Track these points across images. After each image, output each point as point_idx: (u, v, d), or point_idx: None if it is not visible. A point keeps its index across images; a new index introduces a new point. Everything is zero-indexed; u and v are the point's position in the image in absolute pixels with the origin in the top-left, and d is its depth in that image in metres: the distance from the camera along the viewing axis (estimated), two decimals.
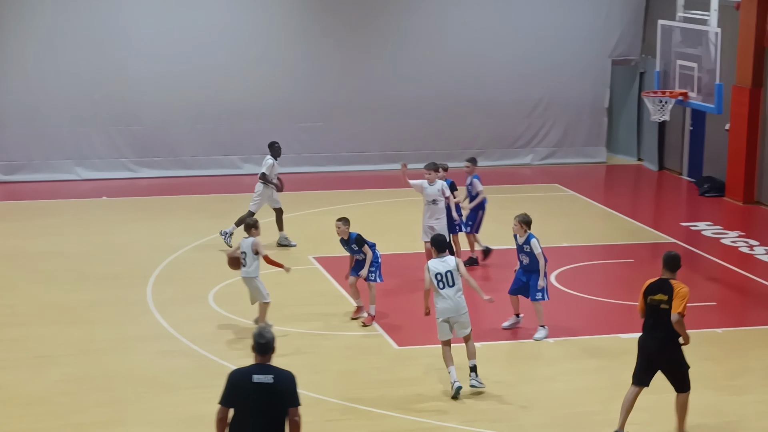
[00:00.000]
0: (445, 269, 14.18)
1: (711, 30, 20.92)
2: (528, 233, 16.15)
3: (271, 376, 9.58)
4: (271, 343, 9.69)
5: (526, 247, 16.16)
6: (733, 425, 13.43)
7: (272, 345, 9.71)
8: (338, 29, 27.97)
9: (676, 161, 28.44)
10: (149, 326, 16.83)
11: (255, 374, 9.59)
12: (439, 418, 13.50)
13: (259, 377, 9.57)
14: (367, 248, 16.70)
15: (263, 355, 9.69)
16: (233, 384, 9.68)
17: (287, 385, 9.62)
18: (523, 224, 16.18)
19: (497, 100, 28.95)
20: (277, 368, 9.69)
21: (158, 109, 27.32)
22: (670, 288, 12.55)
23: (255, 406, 9.58)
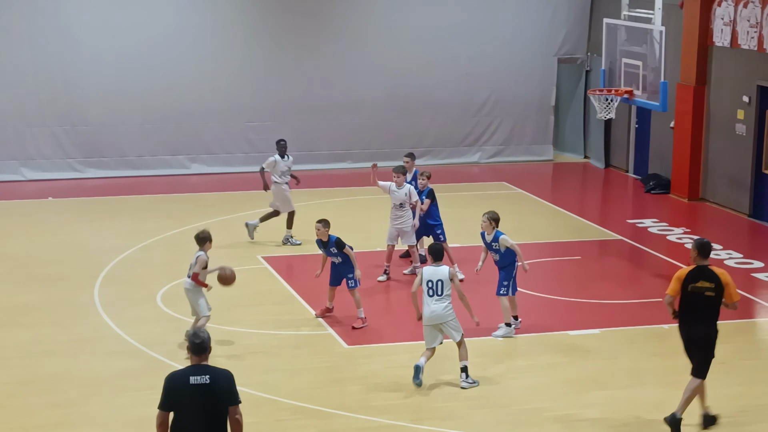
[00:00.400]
0: (436, 278, 14.33)
1: (655, 28, 21.11)
2: (495, 230, 16.13)
3: (208, 377, 9.52)
4: (206, 343, 9.62)
5: (495, 244, 16.11)
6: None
7: (207, 345, 9.63)
8: (286, 28, 27.92)
9: (622, 159, 28.67)
10: (97, 327, 16.71)
11: (191, 376, 9.52)
12: (389, 416, 13.52)
13: (196, 378, 9.51)
14: (349, 249, 16.58)
15: (199, 355, 9.61)
16: (170, 387, 9.62)
17: (225, 384, 9.56)
18: (492, 221, 16.14)
19: (445, 99, 29.05)
20: (214, 368, 9.63)
21: (105, 109, 27.12)
22: (713, 275, 12.84)
23: (194, 408, 9.52)
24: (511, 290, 16.29)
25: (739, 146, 24.16)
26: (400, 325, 16.87)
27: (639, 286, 19.19)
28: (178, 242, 21.35)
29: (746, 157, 23.95)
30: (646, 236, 22.40)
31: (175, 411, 9.60)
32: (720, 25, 24.22)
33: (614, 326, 16.87)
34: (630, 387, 14.55)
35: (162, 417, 9.62)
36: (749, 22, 23.27)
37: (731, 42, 23.89)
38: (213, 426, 9.54)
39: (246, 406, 13.40)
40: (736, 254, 20.98)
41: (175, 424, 9.62)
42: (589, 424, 13.38)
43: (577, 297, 18.30)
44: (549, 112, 29.96)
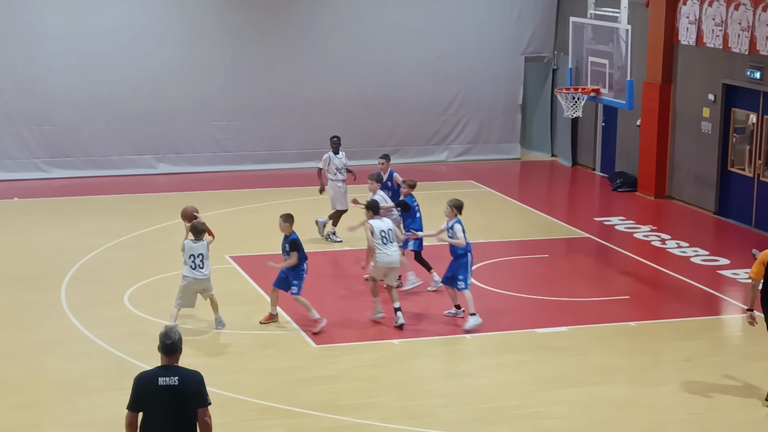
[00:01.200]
0: (387, 227, 16.34)
1: (621, 27, 21.19)
2: (457, 218, 16.47)
3: (177, 378, 9.48)
4: (177, 344, 9.59)
5: (450, 231, 16.43)
6: (648, 417, 13.62)
7: (178, 345, 9.60)
8: (254, 28, 27.86)
9: (589, 157, 28.78)
10: (64, 329, 16.62)
11: (160, 377, 9.50)
12: (358, 415, 13.52)
13: (165, 379, 9.48)
14: (294, 255, 16.30)
15: (169, 356, 9.58)
16: (139, 388, 9.58)
17: (194, 386, 9.53)
18: (453, 208, 16.58)
19: (412, 98, 29.07)
20: (183, 369, 9.59)
21: (70, 109, 26.97)
22: None
23: (163, 409, 9.49)
24: (466, 283, 16.48)
25: (704, 144, 24.30)
26: (368, 325, 16.87)
27: (606, 284, 19.27)
28: (146, 242, 21.27)
29: (712, 155, 24.09)
30: (613, 234, 22.50)
31: (144, 412, 9.56)
32: (685, 23, 24.36)
33: (582, 324, 16.94)
34: (598, 384, 14.61)
35: (131, 418, 9.58)
36: (714, 21, 23.42)
37: (696, 40, 24.04)
38: (181, 427, 9.51)
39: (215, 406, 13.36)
40: (702, 251, 21.11)
41: (144, 425, 9.58)
42: (557, 422, 13.43)
43: (544, 295, 18.36)
44: (516, 111, 30.03)
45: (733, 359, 15.68)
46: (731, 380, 14.81)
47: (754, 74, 22.53)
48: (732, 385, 14.65)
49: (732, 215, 23.70)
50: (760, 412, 13.76)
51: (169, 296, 17.87)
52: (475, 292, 18.32)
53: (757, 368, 15.23)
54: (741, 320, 17.68)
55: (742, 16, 22.57)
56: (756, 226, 22.98)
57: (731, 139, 23.80)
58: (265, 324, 16.64)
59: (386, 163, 20.09)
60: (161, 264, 19.58)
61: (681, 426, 13.35)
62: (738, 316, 17.81)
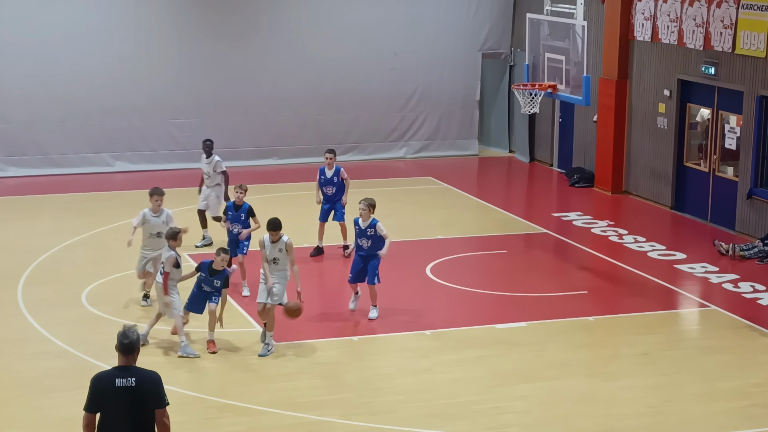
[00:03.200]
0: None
1: (578, 23, 21.29)
2: (372, 217, 16.57)
3: (134, 379, 9.37)
4: (135, 344, 9.47)
5: (370, 230, 16.55)
6: (606, 411, 13.70)
7: (137, 345, 9.49)
8: (210, 24, 27.74)
9: (547, 153, 28.90)
10: (20, 328, 16.48)
11: (117, 378, 9.37)
12: (318, 412, 13.51)
13: (122, 381, 9.36)
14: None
15: (126, 356, 9.46)
16: (96, 389, 9.46)
17: (151, 387, 9.42)
18: (371, 207, 16.63)
19: (370, 95, 29.06)
20: (141, 370, 9.47)
21: (25, 107, 26.74)
22: None
23: (120, 410, 9.38)
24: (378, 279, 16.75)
25: (660, 139, 24.47)
26: (327, 322, 16.86)
27: (565, 279, 19.36)
28: (102, 241, 21.14)
29: (668, 150, 24.26)
30: (570, 229, 22.61)
31: (101, 413, 9.46)
32: (641, 19, 24.52)
33: (541, 319, 17.01)
34: (557, 379, 14.68)
35: (88, 419, 9.49)
36: (669, 17, 23.58)
37: (652, 36, 24.20)
38: (139, 429, 9.42)
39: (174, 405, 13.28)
40: (659, 246, 21.26)
41: (101, 426, 9.48)
42: (516, 417, 13.48)
43: (503, 291, 18.41)
44: (474, 107, 30.10)
45: (690, 353, 15.80)
46: (688, 374, 14.92)
47: (708, 70, 22.70)
48: (689, 378, 14.77)
49: (688, 210, 23.88)
50: (717, 405, 13.88)
51: (126, 295, 17.80)
52: (434, 288, 18.40)
53: (713, 361, 15.36)
54: (698, 314, 17.83)
55: (697, 12, 22.74)
56: (712, 221, 23.16)
57: (687, 134, 23.98)
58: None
59: (333, 158, 20.14)
60: (119, 262, 19.45)
61: (639, 419, 13.44)
62: (695, 310, 17.96)
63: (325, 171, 20.11)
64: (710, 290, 18.77)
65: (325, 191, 20.13)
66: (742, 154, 22.11)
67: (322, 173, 20.15)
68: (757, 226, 21.70)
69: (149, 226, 16.97)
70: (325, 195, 20.14)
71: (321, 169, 20.20)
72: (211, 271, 15.42)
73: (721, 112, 22.76)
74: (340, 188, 20.07)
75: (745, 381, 14.65)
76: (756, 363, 15.35)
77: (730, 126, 22.53)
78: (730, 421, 13.40)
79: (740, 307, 17.72)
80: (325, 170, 20.10)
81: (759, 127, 21.60)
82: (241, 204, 17.92)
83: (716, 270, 19.74)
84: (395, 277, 18.61)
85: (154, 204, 17.01)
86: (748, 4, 21.38)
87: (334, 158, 20.18)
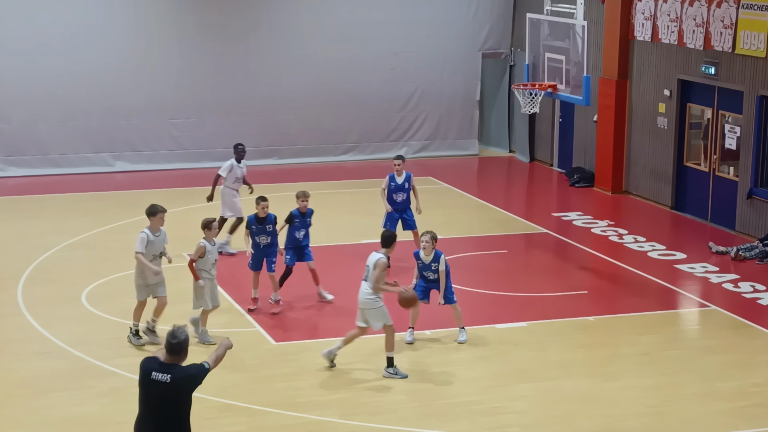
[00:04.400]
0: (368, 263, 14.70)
1: (578, 23, 21.30)
2: (435, 250, 15.75)
3: (169, 376, 9.51)
4: (183, 344, 9.61)
5: (434, 265, 15.73)
6: (606, 411, 13.70)
7: (184, 346, 9.62)
8: (210, 24, 27.74)
9: (547, 153, 28.90)
10: (21, 328, 16.48)
11: (154, 371, 9.55)
12: (318, 412, 13.51)
13: (157, 375, 9.53)
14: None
15: (172, 355, 9.63)
16: (140, 371, 9.70)
17: (185, 384, 9.57)
18: (434, 241, 15.72)
19: (370, 95, 29.05)
20: (182, 368, 9.59)
21: (25, 107, 26.74)
22: None
23: (150, 402, 9.58)
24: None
25: (660, 139, 24.46)
26: (327, 322, 16.86)
27: (565, 279, 19.36)
28: (103, 241, 21.14)
29: (668, 150, 24.26)
30: (571, 229, 22.61)
31: (139, 399, 9.66)
32: (641, 19, 24.52)
33: (541, 319, 17.01)
34: (557, 379, 14.68)
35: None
36: (669, 17, 23.58)
37: (652, 36, 24.20)
38: (167, 423, 9.56)
39: None
40: (659, 246, 21.26)
41: (138, 413, 9.70)
42: (516, 417, 13.48)
43: (503, 290, 18.42)
44: (474, 107, 30.10)
45: (690, 353, 15.80)
46: (688, 374, 14.92)
47: (708, 70, 22.70)
48: (689, 378, 14.77)
49: (688, 210, 23.88)
50: (717, 405, 13.88)
51: (126, 294, 17.79)
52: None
53: (713, 361, 15.37)
54: (698, 314, 17.84)
55: (697, 12, 22.74)
56: (712, 221, 23.16)
57: (687, 134, 23.98)
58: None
59: (402, 164, 19.57)
60: (119, 262, 19.46)
61: (639, 419, 13.44)
62: (695, 310, 17.96)
63: (395, 178, 19.48)
64: (710, 290, 18.77)
65: (395, 198, 19.49)
66: (742, 154, 22.11)
67: (392, 180, 19.50)
68: (757, 226, 21.69)
69: (153, 247, 15.63)
70: (394, 202, 19.50)
71: (390, 176, 19.55)
72: (259, 220, 16.81)
73: (720, 112, 22.77)
74: (410, 194, 19.56)
75: (745, 381, 14.65)
76: (756, 363, 15.36)
77: (730, 126, 22.53)
78: (729, 421, 13.41)
79: (740, 307, 17.73)
80: (395, 177, 19.49)
81: (759, 127, 21.60)
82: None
83: (716, 270, 19.74)
84: (395, 277, 18.60)
85: (157, 222, 15.67)
86: (748, 4, 21.38)
87: (404, 164, 19.68)
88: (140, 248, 15.43)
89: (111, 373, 14.69)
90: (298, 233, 17.47)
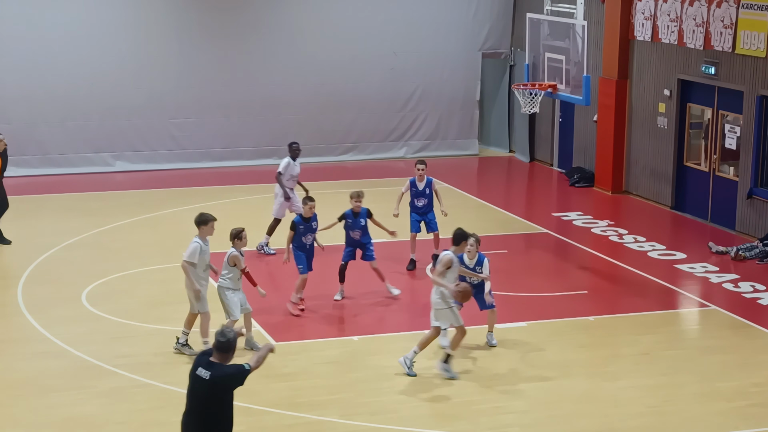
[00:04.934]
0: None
1: (578, 23, 21.30)
2: (478, 253, 15.80)
3: (209, 373, 9.80)
4: (230, 343, 9.90)
5: (479, 268, 15.74)
6: (606, 411, 13.70)
7: (232, 345, 9.92)
8: (210, 24, 27.73)
9: (547, 153, 28.90)
10: (21, 328, 16.48)
11: (200, 366, 9.87)
12: (318, 412, 13.51)
13: (201, 371, 9.84)
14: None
15: (220, 353, 9.91)
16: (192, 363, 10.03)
17: (223, 383, 9.84)
18: (478, 244, 15.77)
19: (370, 94, 29.05)
20: (223, 366, 9.86)
21: (26, 107, 26.73)
22: None
23: (192, 396, 9.93)
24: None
25: (660, 139, 24.46)
26: (327, 321, 16.86)
27: (565, 279, 19.35)
28: (103, 241, 21.14)
29: (668, 149, 24.26)
30: (571, 229, 22.60)
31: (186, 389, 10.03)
32: (641, 19, 24.52)
33: (541, 319, 17.01)
34: (557, 378, 14.68)
35: None
36: (669, 17, 23.59)
37: (652, 36, 24.21)
38: (206, 419, 9.89)
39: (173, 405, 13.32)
40: (659, 246, 21.26)
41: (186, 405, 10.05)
42: (517, 416, 13.48)
43: (503, 290, 18.39)
44: (474, 107, 30.10)
45: (690, 353, 15.80)
46: (688, 374, 14.93)
47: (708, 69, 22.71)
48: (689, 378, 14.77)
49: (688, 210, 23.88)
50: (716, 405, 13.88)
51: (126, 295, 17.81)
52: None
53: (713, 361, 15.37)
54: (698, 314, 17.84)
55: (697, 11, 22.75)
56: (712, 221, 23.16)
57: (687, 133, 23.98)
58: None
59: (425, 170, 19.47)
60: (119, 262, 19.47)
61: (639, 419, 13.44)
62: (695, 310, 17.97)
63: (416, 183, 19.44)
64: (710, 290, 18.77)
65: (417, 203, 19.50)
66: (742, 154, 22.12)
67: (413, 185, 19.46)
68: (757, 226, 21.70)
69: (204, 257, 15.07)
70: (416, 207, 19.51)
71: (411, 181, 19.49)
72: (305, 219, 16.95)
73: (720, 112, 22.77)
74: (431, 201, 19.57)
75: (744, 381, 14.65)
76: (756, 363, 15.36)
77: (730, 126, 22.54)
78: (729, 421, 13.41)
79: (740, 307, 17.73)
80: (416, 182, 19.44)
81: (759, 127, 21.60)
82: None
83: (716, 270, 19.74)
84: (395, 277, 18.61)
85: (207, 231, 15.16)
86: (748, 3, 21.38)
87: (426, 169, 19.61)
88: (191, 258, 14.91)
89: (111, 373, 14.69)
90: (352, 233, 17.69)
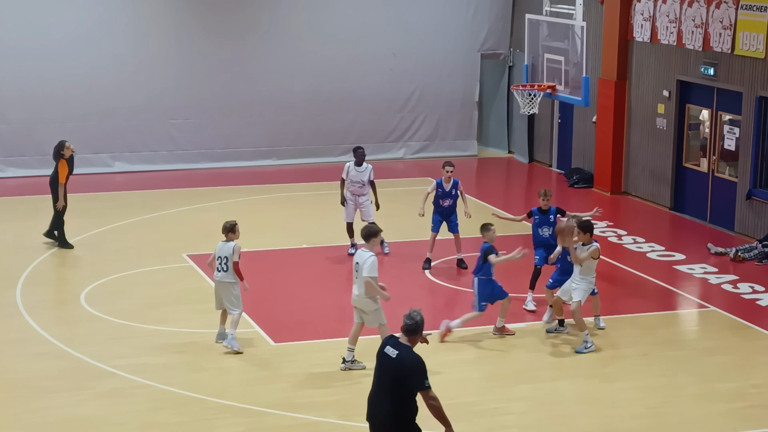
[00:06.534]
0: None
1: (577, 24, 21.31)
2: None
3: (397, 352, 10.26)
4: (418, 326, 10.40)
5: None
6: (605, 411, 13.70)
7: (420, 327, 10.40)
8: (209, 25, 27.73)
9: (546, 153, 28.90)
10: (19, 329, 16.47)
11: (388, 345, 10.37)
12: (317, 413, 13.51)
13: (389, 349, 10.33)
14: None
15: (408, 335, 10.41)
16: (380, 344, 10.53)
17: (409, 364, 10.20)
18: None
19: (369, 95, 29.05)
20: (410, 349, 10.33)
21: (24, 108, 26.72)
22: None
23: (379, 373, 10.40)
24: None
25: (659, 140, 24.47)
26: (326, 322, 16.86)
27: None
28: (102, 241, 21.14)
29: (667, 150, 24.26)
30: None
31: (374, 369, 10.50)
32: (640, 20, 24.53)
33: (540, 320, 17.00)
34: (556, 379, 14.68)
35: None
36: (668, 18, 23.59)
37: (651, 37, 24.21)
38: (390, 397, 10.25)
39: (173, 405, 13.34)
40: (658, 247, 21.26)
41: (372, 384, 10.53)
42: (516, 418, 13.48)
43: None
44: (473, 108, 30.10)
45: (689, 354, 15.80)
46: (688, 375, 14.93)
47: (707, 70, 22.71)
48: (688, 379, 14.77)
49: (687, 211, 23.88)
50: (716, 406, 13.89)
51: (125, 296, 17.80)
52: (434, 288, 18.37)
53: (712, 362, 15.37)
54: (697, 315, 17.84)
55: (696, 12, 22.75)
56: (711, 222, 23.17)
57: (686, 134, 23.99)
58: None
59: (453, 171, 19.50)
60: (117, 263, 19.47)
61: (638, 420, 13.44)
62: (694, 311, 17.97)
63: (442, 184, 19.42)
64: (709, 291, 18.77)
65: (442, 203, 19.48)
66: (742, 155, 22.12)
67: (439, 186, 19.44)
68: (756, 227, 21.70)
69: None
70: (440, 207, 19.50)
71: (438, 182, 19.48)
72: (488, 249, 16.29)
73: (719, 113, 22.78)
74: (456, 200, 19.59)
75: (744, 382, 14.65)
76: (755, 364, 15.36)
77: (729, 127, 22.54)
78: (729, 422, 13.41)
79: (739, 308, 17.73)
80: (443, 183, 19.42)
81: (758, 128, 21.61)
82: (547, 209, 17.69)
83: (715, 271, 19.75)
84: (395, 277, 18.60)
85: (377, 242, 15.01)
86: (747, 4, 21.39)
87: (453, 171, 19.58)
88: (375, 272, 14.66)
89: (110, 373, 14.68)
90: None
